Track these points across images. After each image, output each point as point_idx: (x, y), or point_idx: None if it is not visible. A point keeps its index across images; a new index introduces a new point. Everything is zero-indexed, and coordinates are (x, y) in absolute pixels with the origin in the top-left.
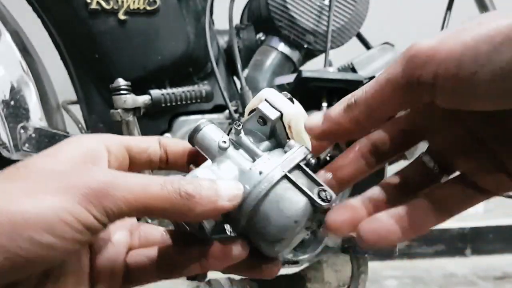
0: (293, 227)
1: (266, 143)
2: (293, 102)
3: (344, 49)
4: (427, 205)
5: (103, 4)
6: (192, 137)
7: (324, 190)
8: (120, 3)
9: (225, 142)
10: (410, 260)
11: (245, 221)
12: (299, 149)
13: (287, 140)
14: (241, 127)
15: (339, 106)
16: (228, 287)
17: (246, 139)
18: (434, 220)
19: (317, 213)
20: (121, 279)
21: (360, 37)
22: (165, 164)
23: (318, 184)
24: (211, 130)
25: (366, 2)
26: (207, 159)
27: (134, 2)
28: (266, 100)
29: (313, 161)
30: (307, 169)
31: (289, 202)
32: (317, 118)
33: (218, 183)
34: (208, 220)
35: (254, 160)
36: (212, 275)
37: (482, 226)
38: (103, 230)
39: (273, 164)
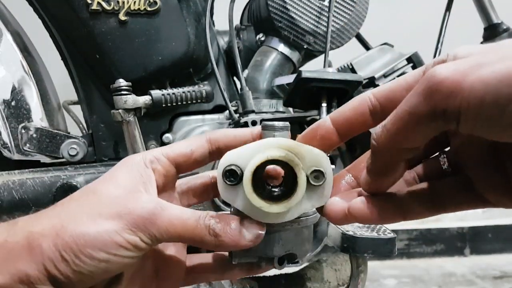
0: None
1: None
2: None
3: (343, 50)
4: (422, 195)
5: (104, 5)
6: None
7: None
8: (120, 4)
9: None
10: (409, 259)
11: None
12: None
13: None
14: None
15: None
16: (229, 286)
17: None
18: (425, 211)
19: None
20: (183, 279)
21: (359, 37)
22: (219, 155)
23: None
24: None
25: (365, 2)
26: None
27: (134, 3)
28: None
29: None
30: None
31: None
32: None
33: (245, 223)
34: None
35: None
36: None
37: (481, 226)
38: (148, 249)
39: None
